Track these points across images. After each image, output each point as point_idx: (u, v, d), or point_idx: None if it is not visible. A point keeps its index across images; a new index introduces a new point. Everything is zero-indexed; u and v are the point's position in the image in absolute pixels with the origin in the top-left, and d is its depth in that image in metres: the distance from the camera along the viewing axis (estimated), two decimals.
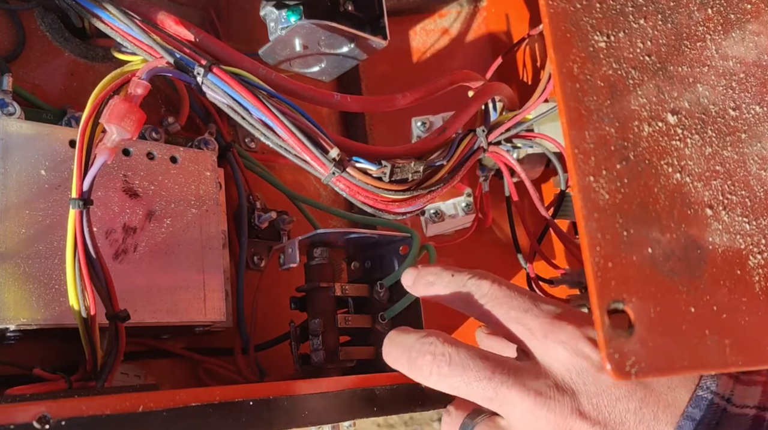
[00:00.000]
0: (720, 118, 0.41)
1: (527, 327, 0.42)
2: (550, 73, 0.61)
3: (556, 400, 0.40)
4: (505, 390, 0.41)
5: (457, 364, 0.42)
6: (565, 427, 0.40)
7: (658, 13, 0.41)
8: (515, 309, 0.43)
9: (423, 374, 0.43)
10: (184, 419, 0.40)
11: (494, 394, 0.41)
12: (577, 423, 0.39)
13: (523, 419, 0.41)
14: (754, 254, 0.39)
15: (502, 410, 0.42)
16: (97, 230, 0.48)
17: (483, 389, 0.41)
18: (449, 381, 0.42)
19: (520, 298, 0.43)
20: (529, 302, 0.43)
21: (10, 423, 0.35)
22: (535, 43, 0.78)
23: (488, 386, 0.41)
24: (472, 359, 0.42)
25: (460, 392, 0.42)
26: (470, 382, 0.41)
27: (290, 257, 0.54)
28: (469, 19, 0.83)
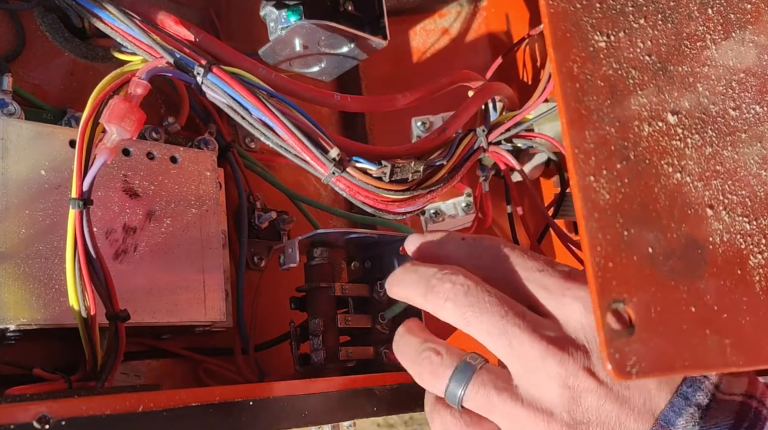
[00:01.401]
0: (720, 117, 0.41)
1: (543, 285, 0.41)
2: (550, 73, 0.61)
3: (569, 352, 0.39)
4: (516, 331, 0.39)
5: (474, 294, 0.41)
6: (572, 383, 0.38)
7: (658, 12, 0.41)
8: (530, 270, 0.42)
9: (438, 301, 0.41)
10: (184, 419, 0.40)
11: (502, 332, 0.40)
12: (585, 381, 0.38)
13: (529, 367, 0.39)
14: (754, 253, 0.39)
15: (508, 353, 0.40)
16: (97, 230, 0.48)
17: (493, 325, 0.40)
18: (462, 310, 0.41)
19: (533, 259, 0.42)
20: (543, 262, 0.42)
21: (10, 423, 0.35)
22: (535, 43, 0.78)
23: (499, 322, 0.40)
24: (489, 295, 0.41)
25: (470, 325, 0.41)
26: (482, 315, 0.40)
27: (290, 257, 0.54)
28: (469, 19, 0.83)
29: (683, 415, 0.38)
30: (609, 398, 0.38)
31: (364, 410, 0.48)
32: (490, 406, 0.40)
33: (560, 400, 0.39)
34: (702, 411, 0.38)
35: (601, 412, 0.38)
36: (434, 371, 0.42)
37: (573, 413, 0.39)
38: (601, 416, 0.38)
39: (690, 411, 0.38)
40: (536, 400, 0.39)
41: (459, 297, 0.41)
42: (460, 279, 0.41)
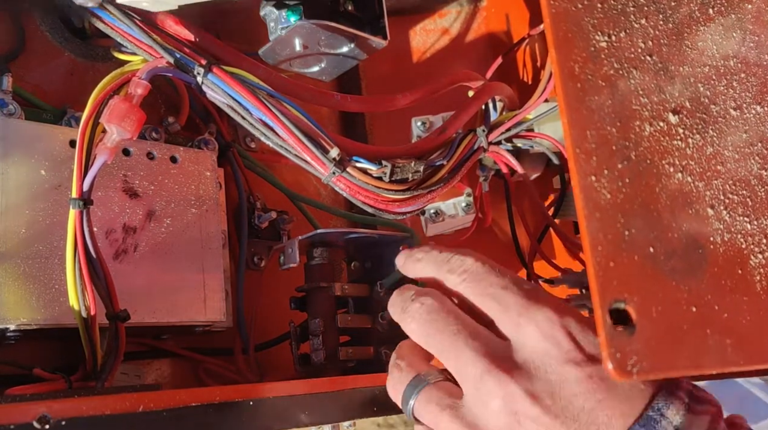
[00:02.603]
0: (721, 117, 0.41)
1: (503, 303, 0.41)
2: (551, 73, 0.61)
3: (512, 375, 0.38)
4: (463, 349, 0.40)
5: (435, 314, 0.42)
6: (514, 408, 0.38)
7: (659, 12, 0.41)
8: (494, 285, 0.41)
9: (406, 322, 0.43)
10: (184, 419, 0.40)
11: (451, 349, 0.41)
12: (528, 406, 0.38)
13: (472, 386, 0.40)
14: (755, 253, 0.39)
15: (456, 371, 0.41)
16: (97, 229, 0.47)
17: (444, 343, 0.41)
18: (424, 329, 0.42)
19: (500, 276, 0.42)
20: (509, 280, 0.42)
21: (10, 423, 0.35)
22: (535, 43, 0.78)
23: (449, 340, 0.41)
24: (448, 314, 0.42)
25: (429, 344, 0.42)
26: (437, 334, 0.41)
27: (290, 257, 0.53)
28: (469, 19, 0.83)
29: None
30: (551, 427, 0.38)
31: (364, 410, 0.48)
32: (435, 422, 0.41)
33: (498, 423, 0.39)
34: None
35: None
36: (394, 385, 0.44)
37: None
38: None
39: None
40: (477, 420, 0.39)
41: (422, 316, 0.42)
42: (427, 300, 0.43)
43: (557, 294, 0.67)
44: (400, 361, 0.44)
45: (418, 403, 0.42)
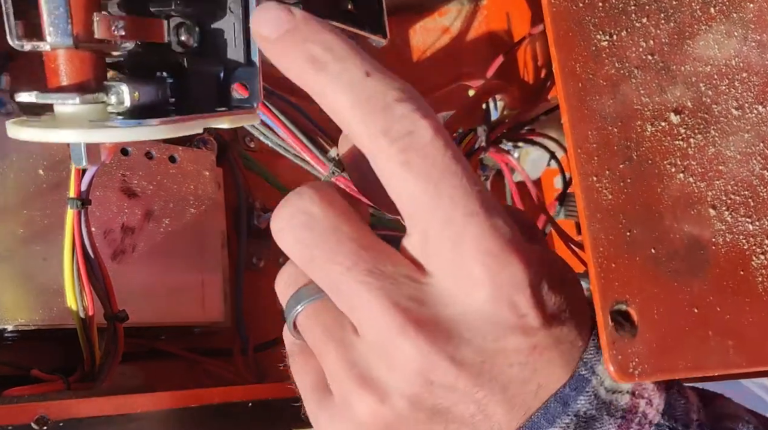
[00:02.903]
0: (723, 117, 0.41)
1: (451, 228, 0.29)
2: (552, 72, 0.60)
3: (435, 341, 0.29)
4: (361, 292, 0.30)
5: (314, 228, 0.31)
6: (430, 377, 0.30)
7: (660, 11, 0.41)
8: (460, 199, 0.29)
9: (276, 236, 0.32)
10: (183, 420, 0.40)
11: (343, 289, 0.30)
12: (449, 377, 0.30)
13: (376, 338, 0.30)
14: (757, 254, 0.39)
15: (352, 316, 0.31)
16: (96, 230, 0.47)
17: (328, 279, 0.31)
18: (302, 253, 0.31)
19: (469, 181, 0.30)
20: (478, 199, 0.30)
21: (8, 424, 0.35)
22: (536, 42, 0.78)
23: (337, 276, 0.30)
24: (333, 232, 0.31)
25: (311, 272, 0.31)
26: (324, 264, 0.30)
27: None
28: (469, 18, 0.83)
29: (556, 425, 0.31)
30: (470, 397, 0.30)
31: None
32: (319, 351, 0.32)
33: (404, 388, 0.30)
34: (579, 421, 0.31)
35: (458, 407, 0.30)
36: (278, 285, 0.36)
37: (418, 404, 0.30)
38: (455, 411, 0.31)
39: (565, 421, 0.31)
40: (372, 373, 0.30)
41: (296, 236, 0.31)
42: (303, 203, 0.31)
43: None
44: None
45: (302, 318, 0.33)
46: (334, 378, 0.32)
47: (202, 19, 0.36)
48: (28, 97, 0.33)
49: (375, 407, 0.30)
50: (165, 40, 0.35)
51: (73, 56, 0.32)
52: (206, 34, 0.36)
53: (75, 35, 0.32)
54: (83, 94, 0.32)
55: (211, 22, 0.36)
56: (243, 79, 0.37)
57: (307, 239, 0.31)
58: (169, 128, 0.33)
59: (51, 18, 0.31)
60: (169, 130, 0.33)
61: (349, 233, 0.31)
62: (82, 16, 0.32)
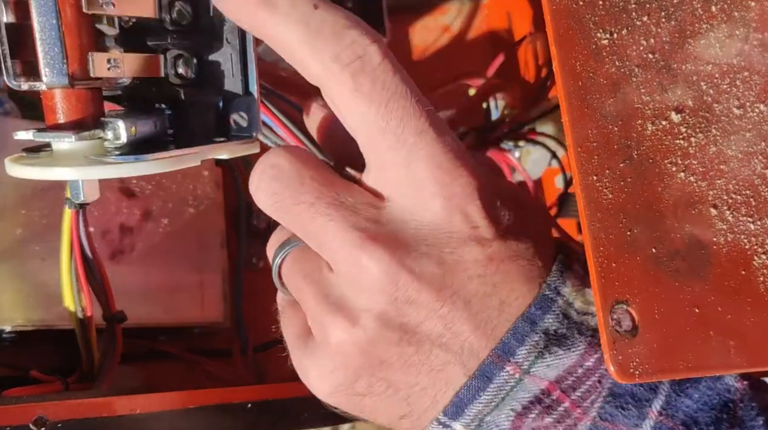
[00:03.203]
0: (724, 116, 0.41)
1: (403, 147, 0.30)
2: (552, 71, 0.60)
3: (394, 254, 0.30)
4: (324, 223, 0.31)
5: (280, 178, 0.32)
6: (394, 293, 0.31)
7: (661, 10, 0.41)
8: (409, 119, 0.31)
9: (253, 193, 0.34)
10: (182, 421, 0.40)
11: (310, 227, 0.32)
12: (411, 292, 0.31)
13: (342, 262, 0.31)
14: (758, 254, 0.39)
15: (321, 251, 0.32)
16: (94, 230, 0.47)
17: (298, 223, 0.32)
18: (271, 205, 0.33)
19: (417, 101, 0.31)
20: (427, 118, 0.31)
21: (6, 425, 0.35)
22: (536, 41, 0.78)
23: (304, 216, 0.32)
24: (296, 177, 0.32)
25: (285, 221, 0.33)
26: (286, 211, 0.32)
27: None
28: (469, 17, 0.83)
29: (526, 343, 0.32)
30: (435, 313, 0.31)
31: None
32: (299, 295, 0.34)
33: (371, 306, 0.31)
34: (549, 338, 0.32)
35: (426, 325, 0.31)
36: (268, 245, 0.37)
37: (387, 322, 0.31)
38: (424, 330, 0.31)
39: (534, 339, 0.32)
40: (346, 301, 0.32)
41: (268, 188, 0.33)
42: (271, 159, 0.33)
43: None
44: None
45: (283, 268, 0.35)
46: (312, 317, 0.33)
47: (199, 51, 0.36)
48: (25, 135, 0.34)
49: (348, 331, 0.31)
50: (162, 74, 0.35)
51: (69, 95, 0.33)
52: (204, 65, 0.37)
53: (71, 75, 0.32)
54: (80, 132, 0.33)
55: (209, 53, 0.36)
56: (241, 110, 0.37)
57: (276, 188, 0.32)
58: (166, 163, 0.33)
59: (47, 58, 0.32)
60: (167, 164, 0.33)
61: (312, 174, 0.32)
62: (78, 55, 0.32)
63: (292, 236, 0.35)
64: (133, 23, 0.35)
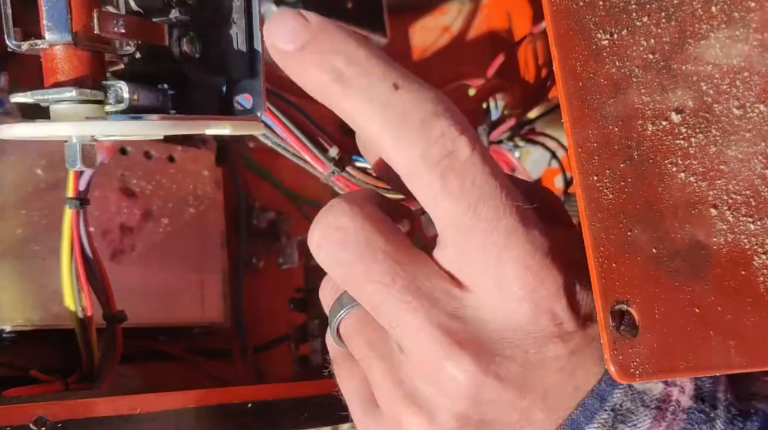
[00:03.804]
0: (724, 116, 0.41)
1: (491, 249, 0.29)
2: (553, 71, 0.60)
3: (480, 362, 0.29)
4: (400, 310, 0.29)
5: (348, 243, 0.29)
6: (479, 397, 0.30)
7: (661, 10, 0.41)
8: (499, 220, 0.29)
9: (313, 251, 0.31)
10: (182, 421, 0.40)
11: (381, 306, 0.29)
12: (495, 393, 0.30)
13: (423, 362, 0.29)
14: (758, 254, 0.39)
15: (395, 334, 0.30)
16: (94, 230, 0.47)
17: (365, 294, 0.30)
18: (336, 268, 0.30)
19: (507, 197, 0.29)
20: (516, 215, 0.29)
21: (6, 425, 0.35)
22: (536, 41, 0.78)
23: (376, 293, 0.29)
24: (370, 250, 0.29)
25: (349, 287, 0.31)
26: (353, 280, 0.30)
27: (289, 257, 0.53)
28: (470, 17, 0.83)
29: (594, 421, 0.32)
30: (514, 407, 0.31)
31: None
32: (363, 361, 0.32)
33: (452, 408, 0.30)
34: (617, 415, 0.32)
35: (503, 417, 0.31)
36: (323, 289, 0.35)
37: (466, 420, 0.30)
38: (501, 420, 0.31)
39: (603, 417, 0.32)
40: (419, 395, 0.30)
41: (331, 251, 0.30)
42: (336, 219, 0.30)
43: None
44: None
45: (343, 326, 0.33)
46: (381, 394, 0.32)
47: (204, 30, 0.35)
48: (23, 98, 0.32)
49: (425, 427, 0.30)
50: (165, 42, 0.34)
51: (71, 54, 0.32)
52: (209, 45, 0.36)
53: (74, 32, 0.31)
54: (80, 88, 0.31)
55: (215, 33, 0.35)
56: (246, 91, 0.37)
57: (342, 258, 0.30)
58: (169, 125, 0.32)
59: (50, 14, 0.30)
60: (169, 126, 0.32)
61: (384, 247, 0.29)
62: (82, 11, 0.31)
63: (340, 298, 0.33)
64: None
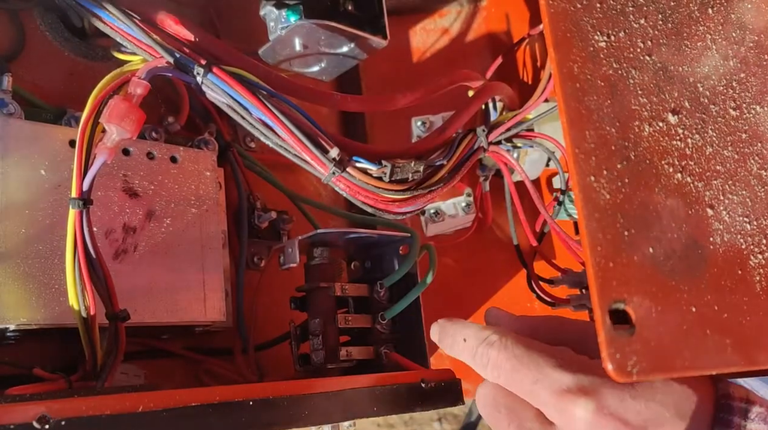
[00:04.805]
0: (720, 117, 0.41)
1: (539, 401, 0.41)
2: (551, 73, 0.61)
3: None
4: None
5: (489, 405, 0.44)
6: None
7: (658, 12, 0.41)
8: (526, 383, 0.41)
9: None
10: (184, 419, 0.40)
11: None
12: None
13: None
14: (754, 253, 0.39)
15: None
16: (97, 229, 0.47)
17: None
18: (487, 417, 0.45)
19: (526, 369, 0.41)
20: (536, 371, 0.41)
21: (10, 423, 0.35)
22: (535, 43, 0.78)
23: None
24: (500, 409, 0.43)
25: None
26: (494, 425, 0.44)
27: (290, 256, 0.53)
28: (469, 19, 0.83)
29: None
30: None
31: (364, 410, 0.47)
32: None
33: None
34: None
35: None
36: None
37: None
38: None
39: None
40: None
41: (481, 404, 0.44)
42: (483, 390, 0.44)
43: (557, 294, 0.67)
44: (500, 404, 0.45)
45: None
46: None
47: None
48: None
49: None
50: None
51: None
52: None
53: None
54: None
55: None
56: None
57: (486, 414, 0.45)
58: None
59: None
60: None
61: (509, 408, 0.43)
62: None
63: None
64: None
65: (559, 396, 0.39)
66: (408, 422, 1.14)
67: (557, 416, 0.40)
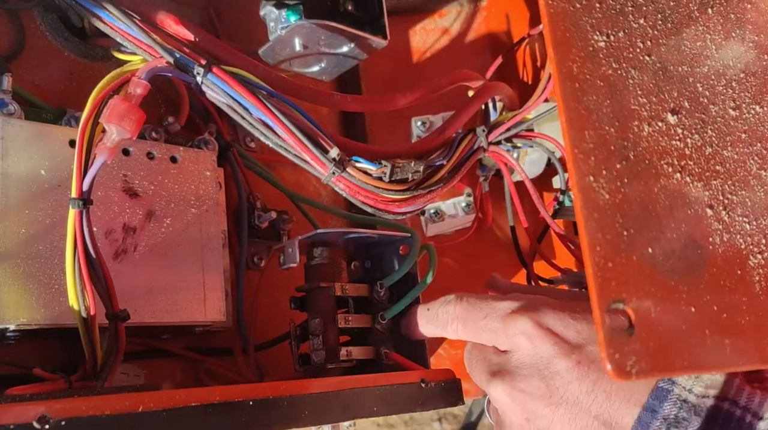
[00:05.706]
0: (720, 117, 0.41)
1: (491, 332, 0.46)
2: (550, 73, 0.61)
3: (504, 380, 0.44)
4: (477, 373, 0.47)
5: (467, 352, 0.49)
6: (522, 407, 0.44)
7: (658, 12, 0.41)
8: (478, 319, 0.47)
9: None
10: (184, 419, 0.40)
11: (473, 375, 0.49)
12: (530, 404, 0.43)
13: (495, 399, 0.46)
14: (754, 253, 0.39)
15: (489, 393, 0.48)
16: (97, 229, 0.48)
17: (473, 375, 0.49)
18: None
19: (478, 308, 0.47)
20: (485, 307, 0.47)
21: (10, 423, 0.35)
22: (535, 43, 0.78)
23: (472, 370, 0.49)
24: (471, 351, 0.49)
25: None
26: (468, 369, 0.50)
27: (290, 256, 0.53)
28: (469, 19, 0.83)
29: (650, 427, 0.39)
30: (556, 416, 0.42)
31: (364, 410, 0.48)
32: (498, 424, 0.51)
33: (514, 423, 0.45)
34: (669, 423, 0.39)
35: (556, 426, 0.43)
36: None
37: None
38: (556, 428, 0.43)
39: (656, 425, 0.39)
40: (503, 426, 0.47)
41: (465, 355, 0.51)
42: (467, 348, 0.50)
43: None
44: None
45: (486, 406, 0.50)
46: None
47: None
48: None
49: None
50: None
51: None
52: None
53: None
54: None
55: None
56: None
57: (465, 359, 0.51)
58: None
59: None
60: None
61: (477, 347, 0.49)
62: None
63: None
64: None
65: (503, 319, 0.45)
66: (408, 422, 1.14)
67: (506, 341, 0.45)
